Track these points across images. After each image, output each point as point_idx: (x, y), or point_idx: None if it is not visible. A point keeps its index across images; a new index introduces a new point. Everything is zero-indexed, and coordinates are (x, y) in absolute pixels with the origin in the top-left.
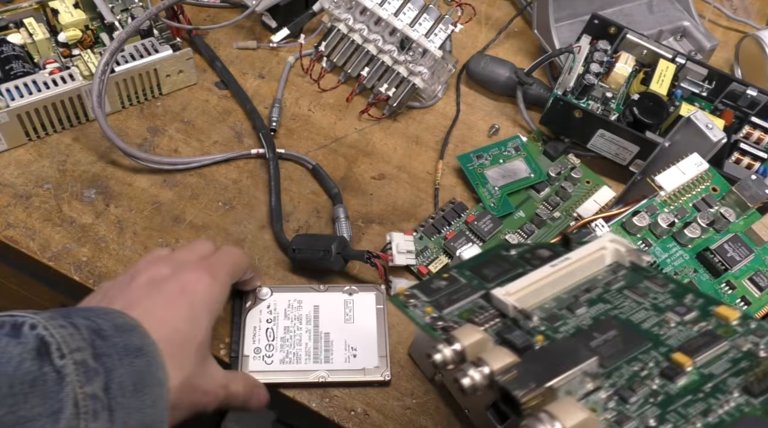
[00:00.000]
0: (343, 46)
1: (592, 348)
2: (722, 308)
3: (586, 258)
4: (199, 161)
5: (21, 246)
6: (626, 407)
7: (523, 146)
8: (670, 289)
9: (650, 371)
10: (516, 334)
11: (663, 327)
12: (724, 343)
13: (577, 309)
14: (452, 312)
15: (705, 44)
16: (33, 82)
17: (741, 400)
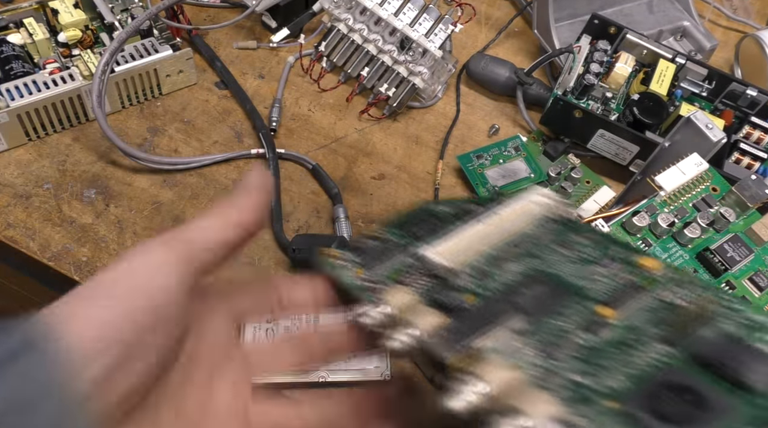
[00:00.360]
0: (343, 46)
1: (520, 305)
2: (645, 258)
3: (515, 213)
4: (199, 161)
5: (21, 246)
6: (551, 363)
7: (523, 146)
8: (596, 241)
9: (575, 325)
10: (445, 294)
11: (589, 279)
12: (647, 294)
13: (506, 265)
14: (381, 273)
15: (705, 44)
16: (33, 82)
17: (662, 350)
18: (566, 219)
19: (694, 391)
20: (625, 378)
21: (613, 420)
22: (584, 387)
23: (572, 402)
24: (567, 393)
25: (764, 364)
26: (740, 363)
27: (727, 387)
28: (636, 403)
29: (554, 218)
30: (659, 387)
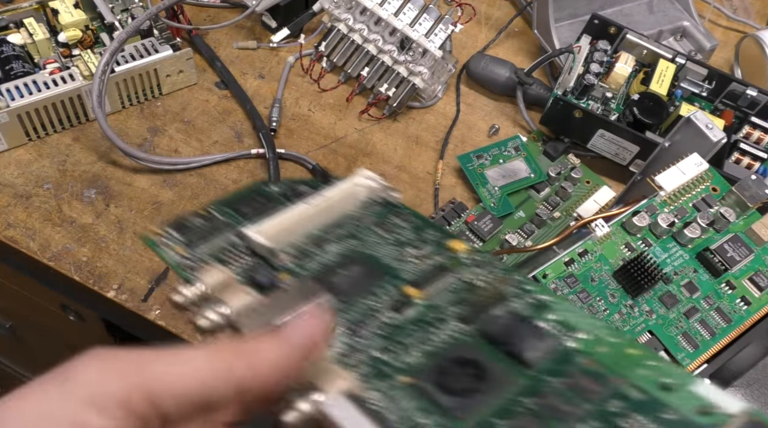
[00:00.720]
0: (343, 46)
1: (334, 284)
2: (453, 241)
3: (341, 195)
4: (199, 161)
5: (21, 246)
6: (355, 340)
7: (523, 146)
8: (413, 224)
9: (383, 304)
10: (261, 273)
11: (402, 261)
12: (451, 275)
13: (327, 246)
14: (204, 252)
15: (705, 44)
16: (33, 82)
17: (455, 328)
18: (388, 202)
19: (478, 365)
20: (421, 354)
21: (405, 393)
22: (382, 363)
23: (370, 377)
24: (366, 369)
25: (541, 341)
26: (521, 340)
27: (508, 362)
28: (427, 377)
29: (378, 200)
30: (449, 362)
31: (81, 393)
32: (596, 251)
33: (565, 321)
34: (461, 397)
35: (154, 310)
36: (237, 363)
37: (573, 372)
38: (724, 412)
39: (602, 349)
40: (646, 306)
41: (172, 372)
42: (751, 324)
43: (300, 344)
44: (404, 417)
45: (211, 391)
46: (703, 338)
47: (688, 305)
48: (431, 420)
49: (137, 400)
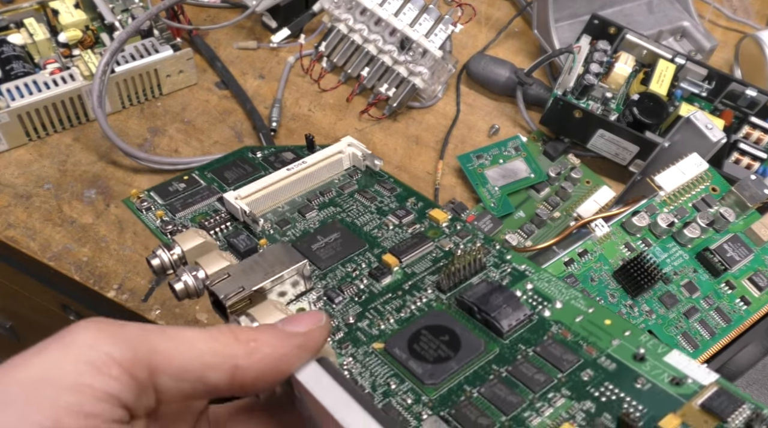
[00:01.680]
0: (343, 46)
1: (311, 251)
2: (435, 211)
3: (323, 162)
4: (199, 161)
5: (21, 246)
6: (332, 306)
7: (523, 146)
8: (396, 193)
9: (361, 272)
10: (240, 238)
11: (382, 229)
12: (431, 244)
13: (308, 213)
14: (185, 216)
15: (705, 44)
16: (33, 82)
17: (432, 296)
18: (371, 170)
19: (451, 332)
20: (395, 321)
21: (377, 359)
22: (357, 330)
23: (343, 342)
24: (340, 336)
25: (517, 310)
26: (495, 308)
27: (483, 330)
28: (399, 344)
29: (361, 168)
30: (424, 329)
31: (82, 355)
32: (596, 251)
33: (542, 291)
34: (434, 364)
35: (155, 310)
36: (237, 347)
37: (547, 341)
38: (696, 382)
39: (578, 319)
40: (645, 306)
41: (174, 348)
42: (750, 324)
43: (299, 341)
44: (377, 383)
45: (209, 372)
46: (703, 338)
47: (687, 305)
48: (403, 386)
49: (138, 368)
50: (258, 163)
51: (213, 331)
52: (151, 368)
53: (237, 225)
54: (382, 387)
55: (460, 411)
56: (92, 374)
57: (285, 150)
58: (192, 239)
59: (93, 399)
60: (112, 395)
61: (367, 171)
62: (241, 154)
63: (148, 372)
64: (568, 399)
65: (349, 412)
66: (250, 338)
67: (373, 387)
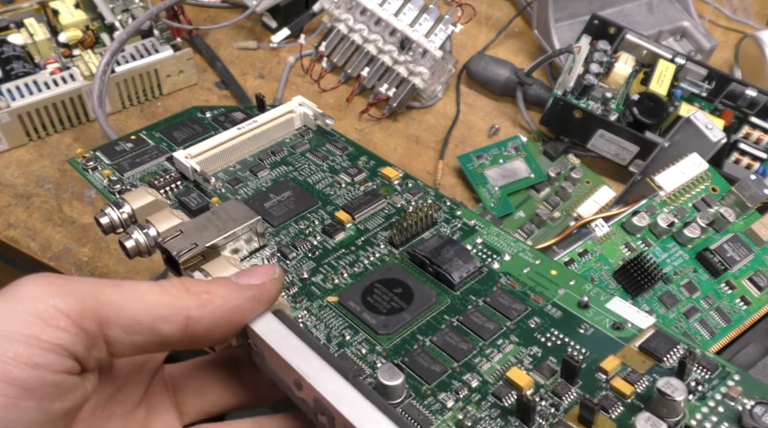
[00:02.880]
0: (343, 46)
1: (264, 209)
2: (387, 168)
3: (274, 121)
4: None
5: (22, 246)
6: (286, 262)
7: (523, 146)
8: (348, 152)
9: (314, 228)
10: (192, 196)
11: (334, 187)
12: (383, 201)
13: (260, 172)
14: (134, 175)
15: (705, 44)
16: (34, 82)
17: (385, 251)
18: (323, 130)
19: (404, 285)
20: (349, 276)
21: (333, 313)
22: (311, 284)
23: (298, 297)
24: (294, 290)
25: (467, 262)
26: (446, 261)
27: (435, 282)
28: (353, 297)
29: (312, 128)
30: (375, 282)
31: (28, 308)
32: (596, 251)
33: (491, 244)
34: (387, 315)
35: None
36: (189, 299)
37: (496, 291)
38: (635, 326)
39: (525, 270)
40: (645, 306)
41: (124, 300)
42: (750, 324)
43: (252, 292)
44: (332, 335)
45: (160, 324)
46: (703, 338)
47: (687, 305)
48: (358, 337)
49: (87, 320)
50: (207, 123)
51: (165, 284)
52: (101, 319)
53: (188, 184)
54: (337, 338)
55: (413, 358)
56: (39, 325)
57: (235, 110)
58: (142, 197)
59: (40, 350)
60: (60, 346)
61: (318, 130)
62: (189, 114)
63: (97, 323)
64: (517, 345)
65: (306, 360)
66: (203, 290)
67: (328, 339)
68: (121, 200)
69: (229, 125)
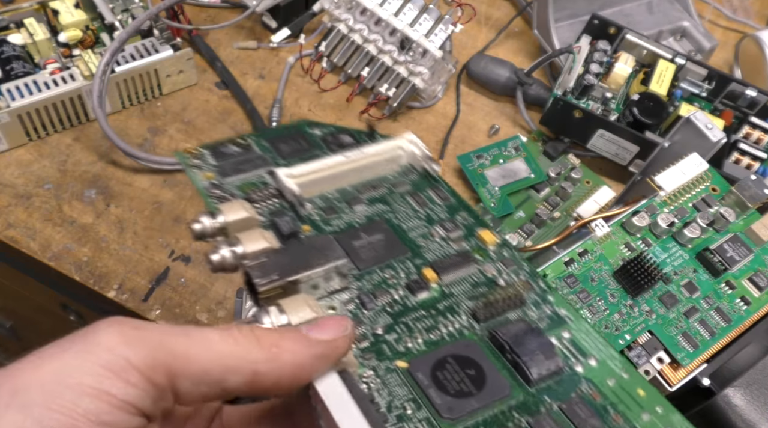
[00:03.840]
0: (343, 46)
1: (353, 248)
2: (485, 231)
3: (381, 155)
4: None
5: (21, 246)
6: (362, 312)
7: (523, 146)
8: (449, 203)
9: (398, 280)
10: (285, 219)
11: (427, 239)
12: (474, 266)
13: (356, 206)
14: (234, 183)
15: (705, 44)
16: (33, 82)
17: (465, 323)
18: (427, 173)
19: (480, 369)
20: (423, 342)
21: (397, 378)
22: (384, 342)
23: (367, 352)
24: (365, 344)
25: (550, 358)
26: (528, 352)
27: (511, 372)
28: (423, 367)
29: (417, 169)
30: (451, 357)
31: (102, 359)
32: (596, 251)
33: (578, 343)
34: (454, 398)
35: (155, 310)
36: (258, 352)
37: (574, 399)
38: None
39: (610, 382)
40: (645, 306)
41: (194, 350)
42: (750, 324)
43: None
44: (393, 404)
45: (228, 375)
46: (703, 338)
47: (687, 305)
48: (419, 414)
49: (158, 373)
50: (315, 140)
51: (234, 332)
52: (171, 372)
53: (283, 204)
54: (398, 409)
55: None
56: (111, 380)
57: (344, 132)
58: (237, 211)
59: (111, 407)
60: (130, 403)
61: (422, 173)
62: (300, 127)
63: (167, 376)
64: None
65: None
66: (273, 343)
67: (388, 408)
68: (216, 210)
69: (335, 147)
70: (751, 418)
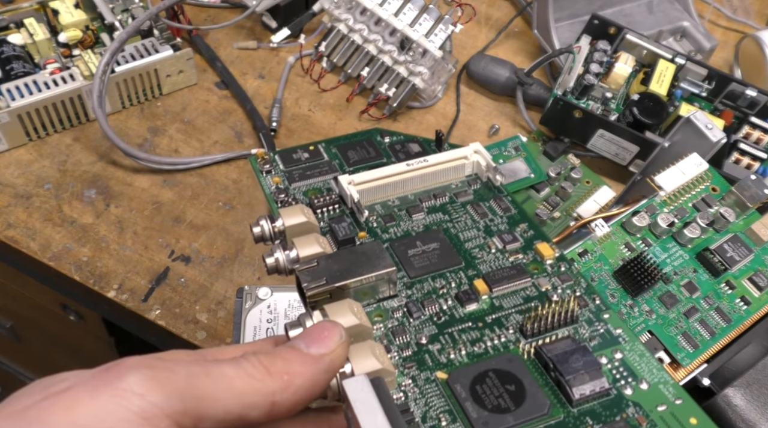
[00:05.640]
0: (343, 46)
1: (406, 256)
2: (542, 244)
3: (445, 164)
4: (199, 161)
5: (21, 246)
6: (410, 320)
7: (523, 146)
8: (509, 214)
9: (448, 290)
10: (342, 225)
11: (483, 250)
12: (528, 279)
13: (415, 214)
14: (300, 188)
15: (705, 44)
16: (33, 82)
17: (512, 337)
18: (491, 184)
19: (519, 383)
20: (466, 354)
21: (436, 389)
22: (426, 352)
23: (408, 361)
24: (408, 353)
25: (596, 379)
26: (572, 371)
27: (553, 391)
28: (462, 380)
29: (482, 179)
30: (490, 370)
31: (135, 405)
32: (596, 251)
33: (630, 365)
34: (491, 412)
35: (155, 310)
36: (272, 383)
37: (618, 422)
38: None
39: (661, 408)
40: (646, 306)
41: (217, 392)
42: (750, 324)
43: (327, 364)
44: (429, 415)
45: (249, 411)
46: (703, 338)
47: (687, 305)
48: (453, 426)
49: (186, 418)
50: (383, 148)
51: (247, 367)
52: (197, 416)
53: (344, 209)
54: (433, 420)
55: None
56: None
57: (413, 140)
58: (296, 216)
59: None
60: None
61: (486, 182)
62: (369, 135)
63: (194, 419)
64: None
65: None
66: (283, 371)
67: (423, 418)
68: (277, 215)
69: (403, 156)
70: (751, 418)
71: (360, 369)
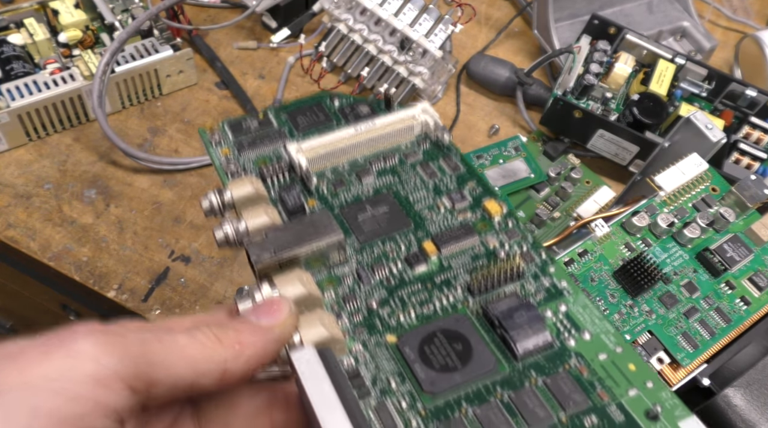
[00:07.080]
0: (343, 46)
1: (356, 221)
2: (491, 202)
3: (393, 125)
4: (199, 161)
5: (21, 246)
6: (360, 285)
7: (523, 146)
8: (458, 173)
9: (398, 254)
10: (292, 193)
11: (433, 210)
12: (476, 238)
13: (365, 178)
14: (249, 157)
15: (705, 44)
16: (33, 82)
17: (460, 296)
18: (440, 143)
19: (465, 342)
20: (416, 317)
21: (386, 353)
22: (376, 316)
23: (359, 327)
24: (358, 319)
25: (539, 333)
26: (516, 327)
27: (499, 347)
28: (411, 342)
29: (431, 138)
30: (438, 330)
31: (88, 368)
32: (596, 251)
33: (574, 317)
34: (438, 372)
35: (154, 310)
36: (224, 352)
37: (560, 374)
38: None
39: (602, 356)
40: (645, 306)
41: (170, 358)
42: (750, 324)
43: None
44: (378, 378)
45: (201, 378)
46: (703, 338)
47: (687, 305)
48: (402, 388)
49: (139, 382)
50: (333, 112)
51: (198, 335)
52: (150, 380)
53: (294, 177)
54: (383, 383)
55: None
56: (97, 389)
57: (362, 103)
58: (243, 186)
59: (94, 413)
60: (112, 409)
61: (435, 142)
62: (319, 100)
63: (146, 384)
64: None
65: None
66: (234, 341)
67: (373, 381)
68: (225, 186)
69: (353, 118)
70: (751, 418)
71: (308, 338)
